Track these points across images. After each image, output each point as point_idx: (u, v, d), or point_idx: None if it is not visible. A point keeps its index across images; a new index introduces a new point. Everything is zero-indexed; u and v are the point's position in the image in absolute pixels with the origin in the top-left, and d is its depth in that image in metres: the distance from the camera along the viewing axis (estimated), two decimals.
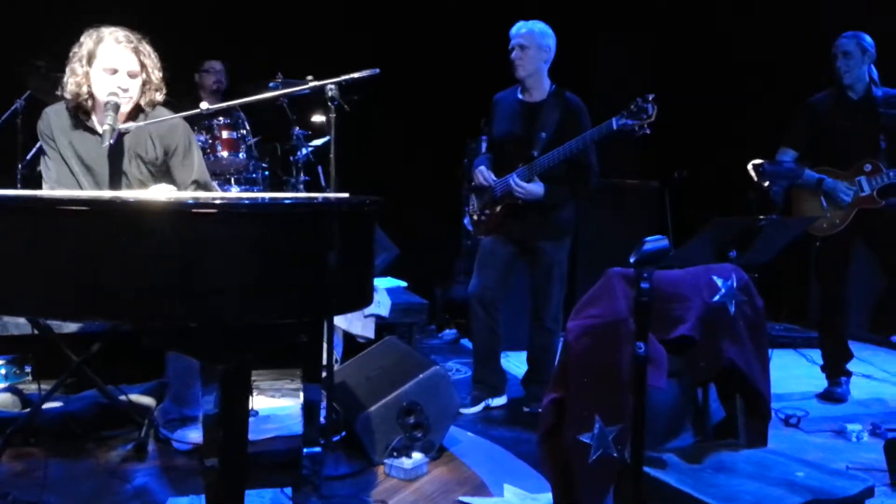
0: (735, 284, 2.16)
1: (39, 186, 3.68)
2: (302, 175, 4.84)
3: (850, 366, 4.01)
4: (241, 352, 1.77)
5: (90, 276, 1.69)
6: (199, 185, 2.82)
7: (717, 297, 2.12)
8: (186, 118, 2.78)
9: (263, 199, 2.06)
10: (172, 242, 1.67)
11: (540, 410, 3.29)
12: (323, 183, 4.85)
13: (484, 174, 3.64)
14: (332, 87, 2.66)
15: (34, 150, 4.02)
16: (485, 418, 3.63)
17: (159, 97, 2.70)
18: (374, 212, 2.02)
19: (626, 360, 1.90)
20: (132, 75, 2.59)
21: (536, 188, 3.45)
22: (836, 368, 3.98)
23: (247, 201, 1.83)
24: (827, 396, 3.93)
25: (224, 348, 1.76)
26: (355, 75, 2.65)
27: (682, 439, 2.20)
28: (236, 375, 1.79)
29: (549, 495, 2.17)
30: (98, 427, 3.12)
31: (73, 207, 1.73)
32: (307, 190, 4.84)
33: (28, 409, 3.18)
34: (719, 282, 2.13)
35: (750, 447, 2.16)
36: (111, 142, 2.55)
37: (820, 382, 4.03)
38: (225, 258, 1.69)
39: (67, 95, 2.63)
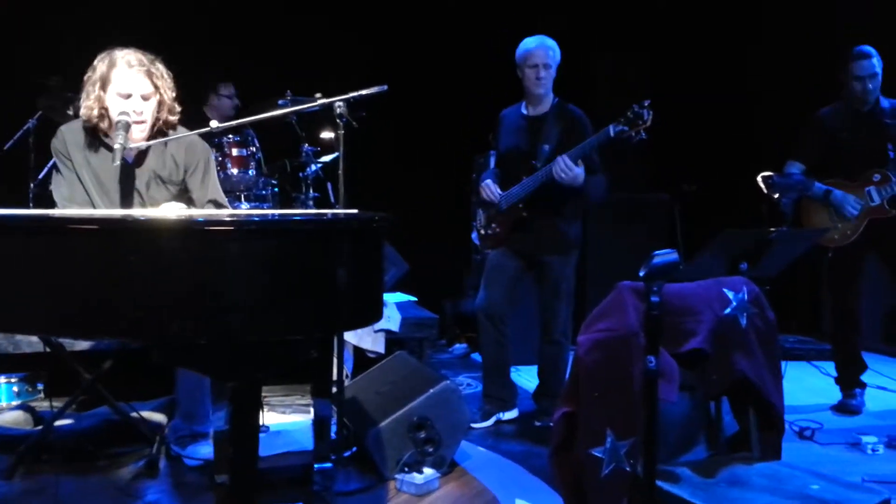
0: (746, 297, 2.15)
1: (51, 205, 3.71)
2: (311, 191, 4.86)
3: (865, 377, 3.98)
4: (251, 368, 1.77)
5: (101, 294, 1.70)
6: (217, 204, 2.85)
7: (728, 310, 2.11)
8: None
9: (273, 215, 2.07)
10: (183, 260, 1.68)
11: (551, 424, 3.30)
12: (332, 199, 4.87)
13: (490, 188, 3.65)
14: (341, 103, 2.68)
15: (46, 169, 4.06)
16: (496, 433, 3.61)
17: (173, 118, 2.72)
18: (384, 228, 2.02)
19: (637, 374, 1.90)
20: (145, 98, 2.62)
21: (579, 171, 3.40)
22: (850, 380, 3.94)
23: (257, 218, 1.84)
24: (841, 408, 3.89)
25: (234, 365, 1.76)
26: (363, 92, 2.67)
27: (696, 453, 2.19)
28: (246, 392, 1.79)
29: None
30: (109, 444, 3.12)
31: (85, 226, 1.74)
32: (316, 206, 4.87)
33: (40, 427, 3.20)
34: (730, 294, 2.13)
35: (763, 460, 2.14)
36: (126, 160, 2.61)
37: (834, 394, 3.99)
38: (235, 275, 1.69)
39: (82, 117, 2.65)
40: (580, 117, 3.61)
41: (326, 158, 4.88)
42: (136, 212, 2.60)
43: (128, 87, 2.58)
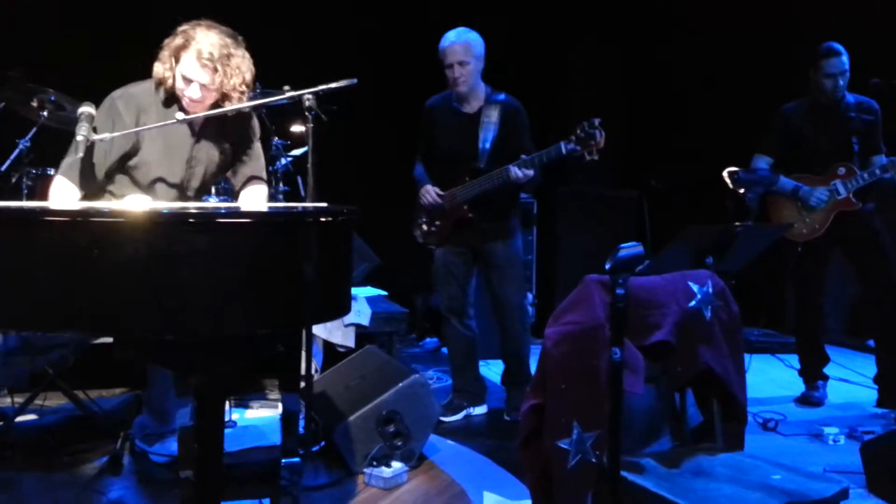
0: (711, 290, 2.18)
1: (13, 197, 3.63)
2: (281, 185, 4.81)
3: (827, 370, 4.05)
4: (215, 363, 1.75)
5: (63, 288, 1.67)
6: (260, 180, 2.84)
7: (693, 303, 2.13)
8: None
9: (238, 208, 2.05)
10: (146, 253, 1.65)
11: (520, 419, 3.31)
12: (303, 193, 4.83)
13: (431, 194, 3.63)
14: (310, 97, 2.65)
15: (9, 161, 3.97)
16: (465, 426, 3.63)
17: (244, 100, 2.66)
18: (351, 221, 2.01)
19: (604, 366, 1.91)
20: (205, 87, 2.56)
21: (531, 171, 3.38)
22: (813, 373, 4.01)
23: (222, 211, 1.82)
24: (804, 400, 3.96)
25: (198, 360, 1.74)
26: (332, 85, 2.64)
27: (661, 444, 2.21)
28: (211, 387, 1.77)
29: (530, 502, 2.17)
30: (72, 440, 3.08)
31: (47, 218, 1.71)
32: (287, 200, 4.82)
33: (1, 423, 3.14)
34: (695, 288, 2.15)
35: (727, 451, 2.17)
36: (192, 128, 2.64)
37: (797, 387, 4.06)
38: (200, 268, 1.67)
39: (156, 77, 2.60)
40: (515, 108, 3.57)
41: (297, 152, 4.84)
42: (99, 204, 2.55)
43: (191, 74, 2.54)
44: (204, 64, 2.52)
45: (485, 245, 3.63)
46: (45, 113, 3.77)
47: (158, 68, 2.58)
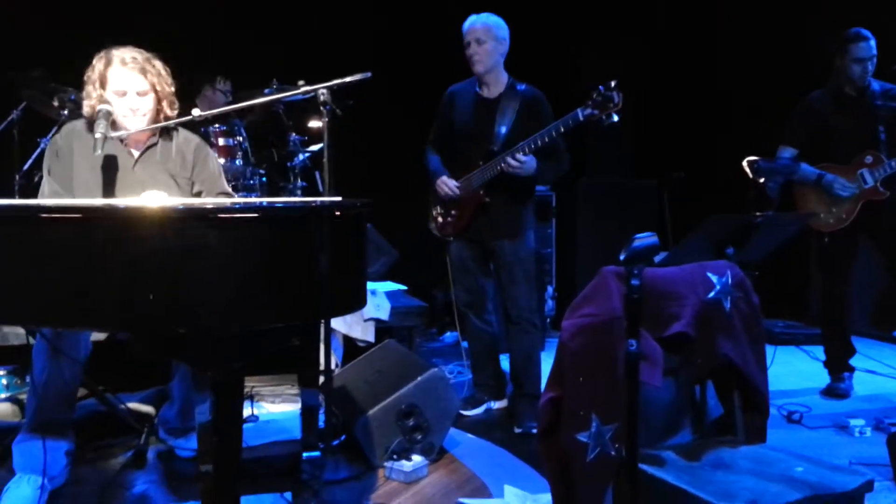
0: (730, 281, 2.15)
1: (35, 196, 3.67)
2: (299, 181, 4.83)
3: (853, 361, 3.99)
4: (230, 357, 1.76)
5: (79, 284, 1.68)
6: (227, 196, 2.85)
7: (712, 294, 2.11)
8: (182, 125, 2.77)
9: (251, 203, 2.05)
10: (160, 248, 1.66)
11: (533, 431, 3.29)
12: (321, 188, 4.84)
13: (448, 185, 3.56)
14: (325, 91, 2.65)
15: (31, 160, 4.02)
16: (485, 420, 3.62)
17: (173, 112, 2.70)
18: (365, 214, 2.01)
19: (621, 358, 1.89)
20: (141, 94, 2.61)
21: (530, 161, 3.33)
22: (838, 364, 3.96)
23: (235, 206, 1.83)
24: (830, 392, 3.91)
25: (213, 354, 1.75)
26: (347, 79, 2.63)
27: (681, 436, 2.20)
28: (227, 381, 1.78)
29: (550, 495, 2.15)
30: (97, 436, 3.12)
31: (62, 215, 1.73)
32: (304, 195, 4.84)
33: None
34: (714, 278, 2.12)
35: (749, 443, 2.15)
36: (132, 153, 2.68)
37: (823, 378, 4.01)
38: (213, 263, 1.68)
39: (86, 115, 2.65)
40: (535, 95, 3.52)
41: (315, 147, 4.85)
42: (115, 200, 2.58)
43: (123, 84, 2.59)
44: (131, 68, 2.58)
45: (492, 242, 3.56)
46: (66, 112, 3.81)
47: (88, 103, 2.61)
